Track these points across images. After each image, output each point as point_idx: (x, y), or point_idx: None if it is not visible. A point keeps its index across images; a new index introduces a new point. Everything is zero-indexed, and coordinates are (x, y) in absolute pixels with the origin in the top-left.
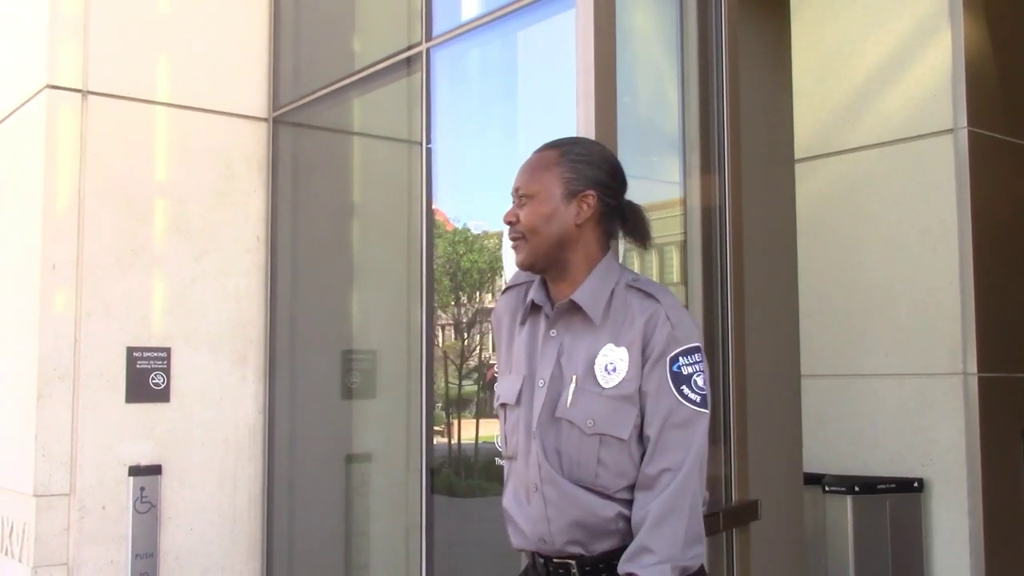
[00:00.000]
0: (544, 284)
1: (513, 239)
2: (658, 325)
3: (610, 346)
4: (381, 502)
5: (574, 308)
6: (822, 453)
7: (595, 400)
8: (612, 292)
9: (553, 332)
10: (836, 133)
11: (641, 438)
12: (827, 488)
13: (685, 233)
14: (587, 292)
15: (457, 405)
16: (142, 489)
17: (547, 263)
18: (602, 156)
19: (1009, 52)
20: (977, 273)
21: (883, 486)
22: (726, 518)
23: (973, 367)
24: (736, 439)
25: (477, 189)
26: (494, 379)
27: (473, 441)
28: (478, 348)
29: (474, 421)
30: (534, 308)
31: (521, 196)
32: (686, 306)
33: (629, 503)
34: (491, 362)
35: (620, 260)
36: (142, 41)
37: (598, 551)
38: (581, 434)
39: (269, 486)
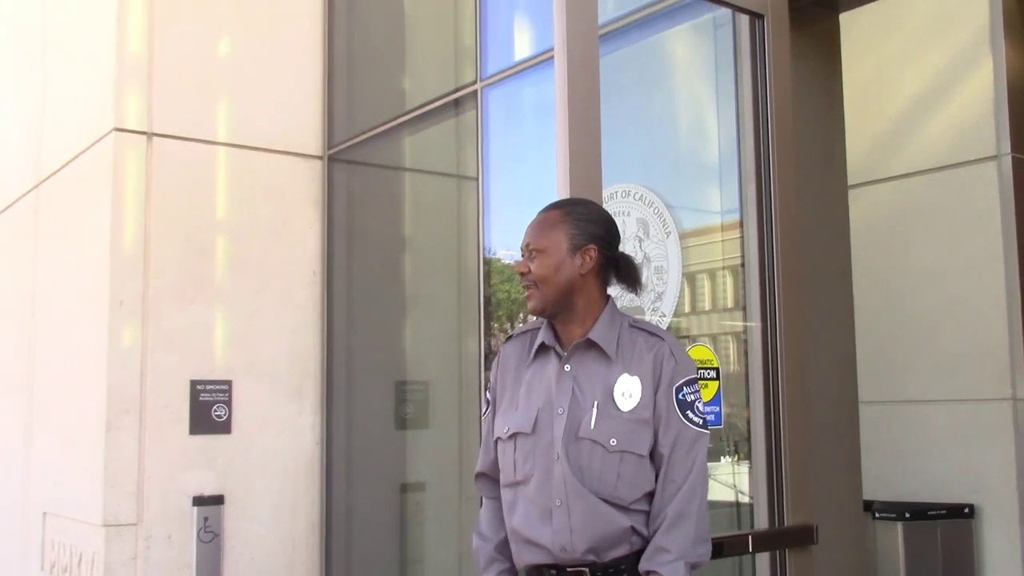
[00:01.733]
0: (551, 327)
1: (525, 287)
2: (664, 360)
3: (625, 376)
4: (435, 530)
5: (589, 345)
6: (871, 480)
7: (616, 422)
8: (619, 332)
9: (567, 367)
10: (878, 161)
11: (652, 454)
12: (877, 514)
13: (743, 258)
14: (601, 331)
15: None
16: (206, 519)
17: (556, 308)
18: (599, 215)
19: None
20: None
21: (933, 512)
22: (761, 540)
23: (1022, 392)
24: (793, 463)
25: (520, 223)
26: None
27: None
28: None
29: None
30: (542, 349)
31: (532, 250)
32: (745, 327)
33: (641, 515)
34: None
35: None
36: (203, 83)
37: (609, 558)
38: (604, 452)
39: (327, 515)
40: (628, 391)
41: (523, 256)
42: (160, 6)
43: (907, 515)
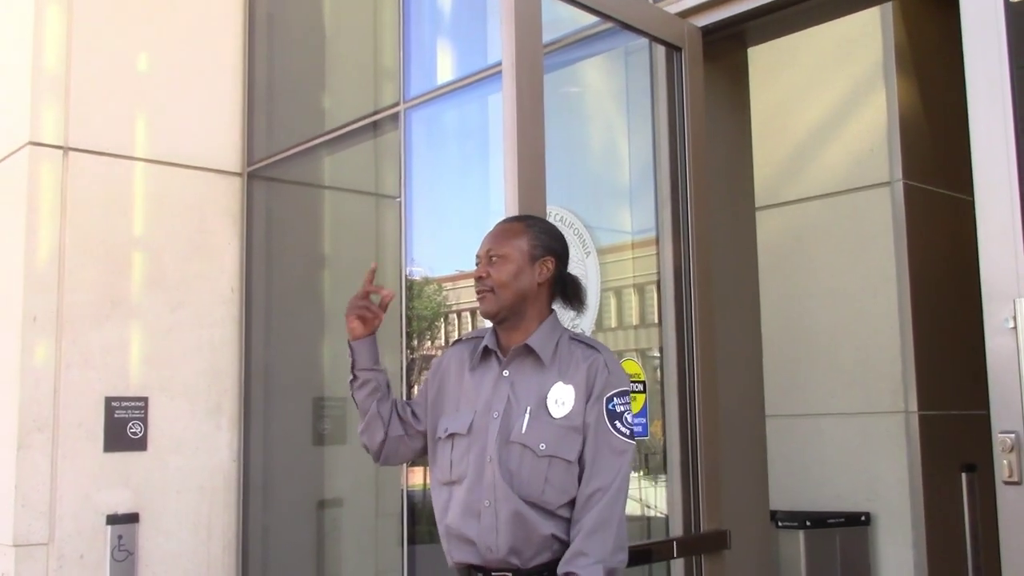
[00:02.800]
0: (495, 334)
1: (480, 292)
2: (599, 371)
3: (559, 384)
4: (352, 547)
5: (527, 351)
6: (772, 490)
7: (547, 427)
8: (558, 342)
9: (506, 372)
10: (780, 186)
11: (581, 460)
12: (780, 523)
13: (659, 277)
14: (539, 339)
15: None
16: (120, 537)
17: (508, 313)
18: (557, 233)
19: (940, 109)
20: (915, 317)
21: (833, 520)
22: (683, 546)
23: (914, 405)
24: (706, 472)
25: (442, 241)
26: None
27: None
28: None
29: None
30: (485, 354)
31: (492, 256)
32: (660, 347)
33: (566, 521)
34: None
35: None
36: (121, 98)
37: (532, 564)
38: (534, 456)
39: (243, 533)
40: (561, 399)
41: (479, 263)
42: (79, 22)
43: (808, 523)
